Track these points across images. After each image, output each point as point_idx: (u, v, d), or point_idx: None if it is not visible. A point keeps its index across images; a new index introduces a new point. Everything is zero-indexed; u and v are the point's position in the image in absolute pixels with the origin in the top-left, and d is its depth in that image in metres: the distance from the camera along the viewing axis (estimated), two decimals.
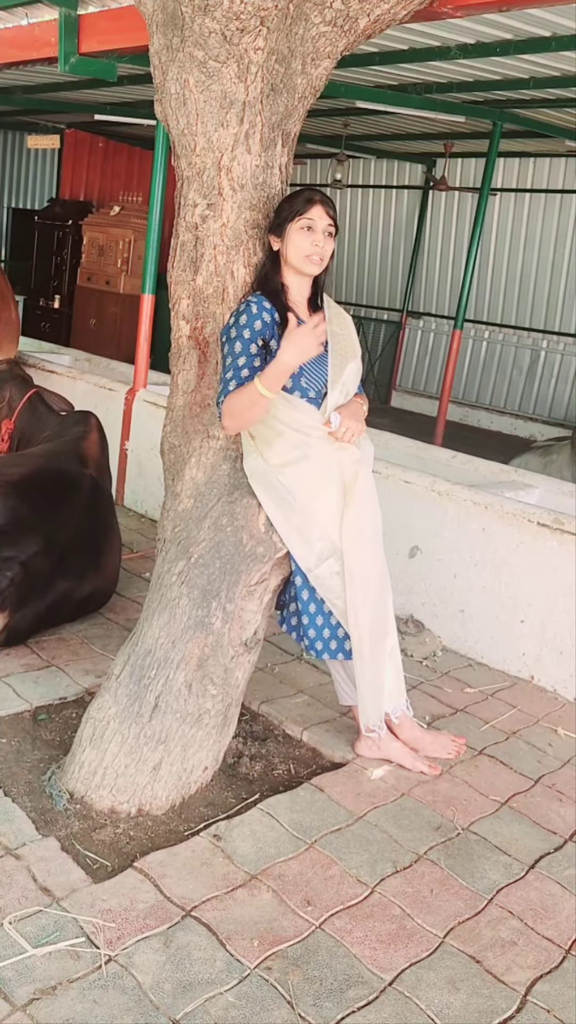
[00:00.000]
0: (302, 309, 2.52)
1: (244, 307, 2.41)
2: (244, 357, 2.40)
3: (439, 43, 4.77)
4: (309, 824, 2.48)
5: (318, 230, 2.41)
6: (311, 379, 2.47)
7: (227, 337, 2.43)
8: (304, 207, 2.40)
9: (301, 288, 2.51)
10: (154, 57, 2.41)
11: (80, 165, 10.93)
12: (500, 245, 9.57)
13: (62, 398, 4.55)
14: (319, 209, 2.40)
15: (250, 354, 2.39)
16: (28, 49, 4.77)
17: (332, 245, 2.47)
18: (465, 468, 4.59)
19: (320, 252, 2.42)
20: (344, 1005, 1.91)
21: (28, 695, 3.00)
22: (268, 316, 2.40)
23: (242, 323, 2.39)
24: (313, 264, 2.44)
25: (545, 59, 4.84)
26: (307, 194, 2.42)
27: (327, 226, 2.42)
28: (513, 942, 2.17)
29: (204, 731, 2.52)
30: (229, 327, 2.43)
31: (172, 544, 2.58)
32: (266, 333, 2.40)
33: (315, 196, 2.41)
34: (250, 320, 2.38)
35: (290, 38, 2.33)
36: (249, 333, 2.38)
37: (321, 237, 2.41)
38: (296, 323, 2.32)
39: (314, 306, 2.55)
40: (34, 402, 4.34)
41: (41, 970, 1.89)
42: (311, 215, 2.39)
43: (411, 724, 2.89)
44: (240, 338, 2.39)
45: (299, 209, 2.40)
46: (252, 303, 2.40)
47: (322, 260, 2.45)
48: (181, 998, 1.86)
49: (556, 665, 3.54)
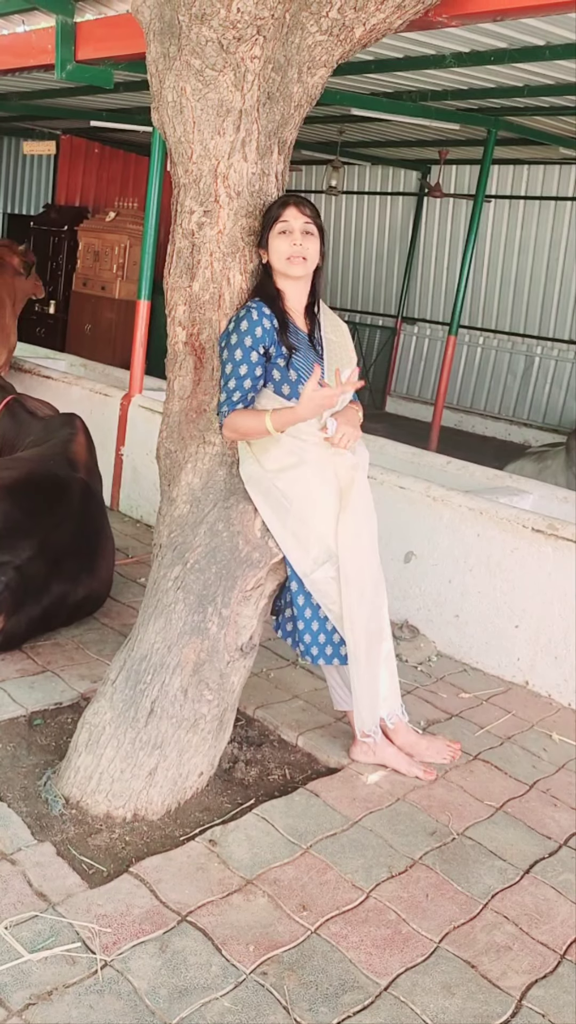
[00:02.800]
0: (299, 317, 2.53)
1: (244, 313, 2.41)
2: (246, 366, 2.40)
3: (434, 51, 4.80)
4: (304, 829, 2.49)
5: (295, 231, 2.41)
6: None
7: (227, 343, 2.43)
8: (278, 211, 2.42)
9: (298, 295, 2.52)
10: (151, 65, 2.42)
11: (76, 171, 10.95)
12: (495, 251, 9.60)
13: (45, 403, 4.54)
14: (292, 210, 2.41)
15: (251, 363, 2.40)
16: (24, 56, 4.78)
17: (314, 244, 2.45)
18: (460, 474, 4.60)
19: (300, 252, 2.42)
20: (340, 1010, 1.91)
21: (24, 700, 3.00)
22: (268, 323, 2.41)
23: (243, 329, 2.40)
24: (295, 265, 2.44)
25: (539, 67, 4.87)
26: (280, 199, 2.45)
27: (304, 224, 2.42)
28: (508, 947, 2.17)
29: (200, 736, 2.52)
30: (229, 333, 2.43)
31: (168, 549, 2.58)
32: (266, 340, 2.41)
33: (288, 199, 2.43)
34: (251, 327, 2.39)
35: (286, 47, 2.35)
36: (250, 340, 2.39)
37: (299, 236, 2.42)
38: (316, 383, 2.29)
39: (311, 314, 2.56)
40: (13, 408, 4.33)
41: (37, 975, 1.89)
42: (285, 217, 2.41)
43: (406, 729, 2.90)
44: (241, 345, 2.40)
45: (273, 215, 2.42)
46: (252, 309, 2.41)
47: (305, 260, 2.44)
48: (177, 1003, 1.86)
49: (551, 670, 3.55)
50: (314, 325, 2.56)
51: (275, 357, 2.44)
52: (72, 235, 10.34)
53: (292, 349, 2.45)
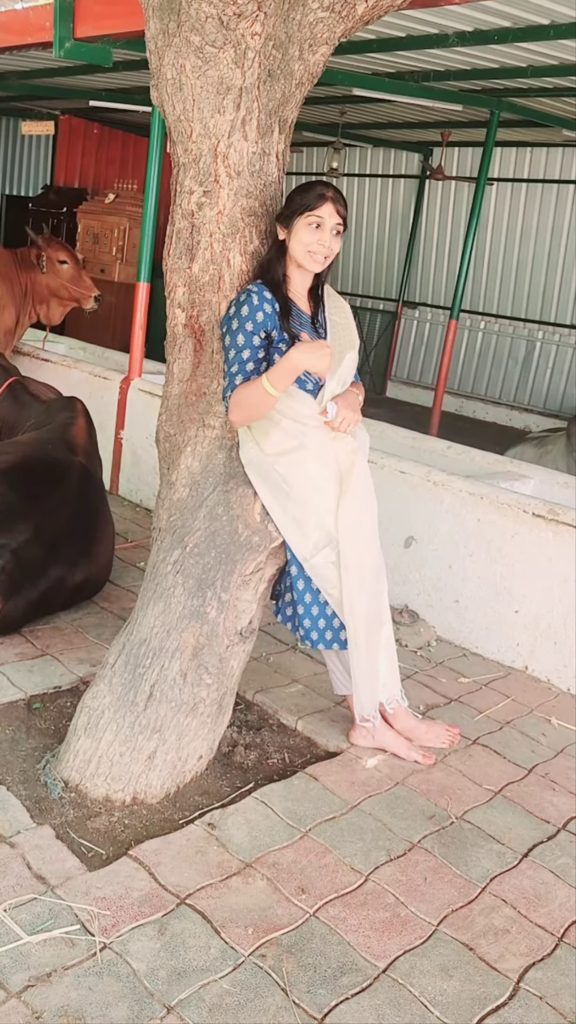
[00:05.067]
0: (302, 301, 2.51)
1: (245, 297, 2.39)
2: (248, 350, 2.38)
3: (437, 30, 4.74)
4: (303, 813, 2.49)
5: (326, 228, 2.38)
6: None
7: (228, 328, 2.41)
8: (315, 203, 2.36)
9: (303, 280, 2.49)
10: (150, 42, 2.38)
11: (75, 152, 10.85)
12: (496, 235, 9.54)
13: (49, 386, 4.51)
14: (330, 207, 2.36)
15: (253, 346, 2.38)
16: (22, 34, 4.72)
17: (338, 244, 2.43)
18: (460, 459, 4.59)
19: (325, 251, 2.40)
20: (338, 992, 1.92)
21: (22, 684, 3.00)
22: (269, 307, 2.38)
23: (243, 314, 2.37)
24: (315, 262, 2.41)
25: (543, 47, 4.81)
26: (319, 189, 2.38)
27: (336, 224, 2.39)
28: (506, 930, 2.18)
29: (199, 720, 2.52)
30: (230, 317, 2.41)
31: (167, 533, 2.57)
32: (267, 325, 2.39)
33: (327, 192, 2.37)
34: (251, 312, 2.37)
35: (287, 24, 2.31)
36: (252, 325, 2.37)
37: (328, 236, 2.38)
38: (308, 338, 2.30)
39: (315, 297, 2.53)
40: (15, 390, 4.31)
41: (36, 957, 1.89)
42: (321, 212, 2.36)
43: (405, 714, 2.90)
44: (242, 330, 2.37)
45: (310, 204, 2.36)
46: (253, 293, 2.38)
47: (326, 259, 2.42)
48: (176, 985, 1.87)
49: (550, 655, 3.55)
50: (318, 307, 2.54)
51: (277, 341, 2.41)
52: (71, 217, 10.25)
53: (295, 337, 2.43)
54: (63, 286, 5.80)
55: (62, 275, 5.78)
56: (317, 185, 2.40)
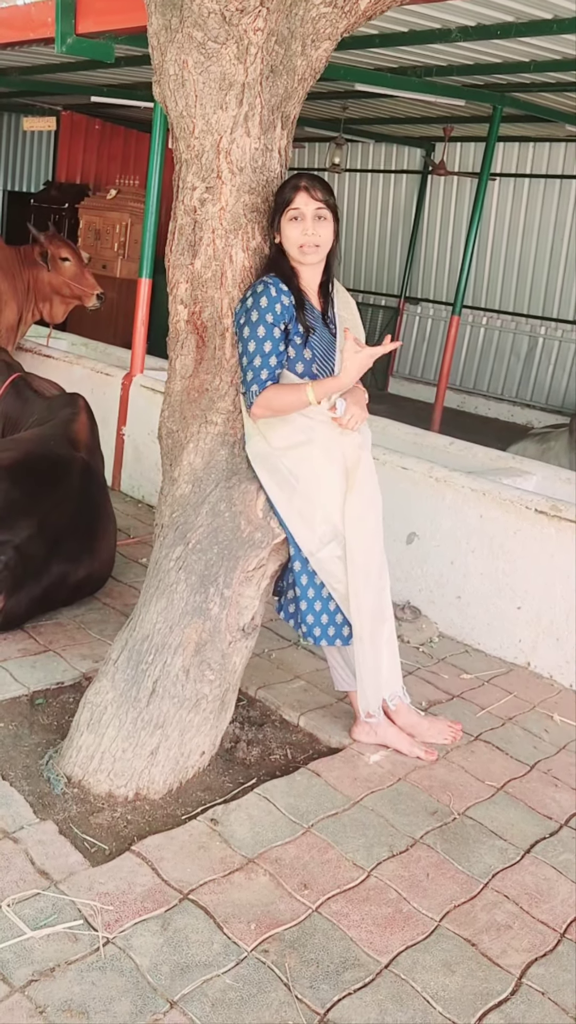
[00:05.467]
0: (313, 296, 2.51)
1: (262, 288, 2.37)
2: (270, 343, 2.38)
3: (440, 25, 4.73)
4: (306, 809, 2.49)
5: (306, 217, 2.37)
6: (322, 365, 2.46)
7: (247, 319, 2.39)
8: (291, 195, 2.37)
9: (312, 275, 2.49)
10: (152, 38, 2.38)
11: (76, 148, 10.84)
12: (499, 230, 9.52)
13: (52, 383, 4.51)
14: (304, 196, 2.36)
15: (275, 339, 2.38)
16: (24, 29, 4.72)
17: (327, 228, 2.41)
18: (463, 455, 4.58)
19: (312, 240, 2.39)
20: (340, 987, 1.92)
21: (25, 680, 3.00)
22: (287, 299, 2.38)
23: (263, 306, 2.36)
24: (308, 254, 2.40)
25: (546, 42, 4.80)
26: (292, 182, 2.39)
27: (316, 210, 2.37)
28: (508, 926, 2.18)
29: (201, 716, 2.53)
30: (248, 309, 2.39)
31: (170, 529, 2.57)
32: (286, 317, 2.39)
33: (300, 183, 2.37)
34: (270, 303, 2.36)
35: (290, 19, 2.31)
36: (272, 317, 2.37)
37: (310, 224, 2.37)
38: (352, 339, 2.35)
39: (324, 292, 2.53)
40: (19, 386, 4.30)
41: (39, 952, 1.90)
42: (297, 203, 2.36)
43: (408, 710, 2.90)
44: (263, 322, 2.37)
45: (286, 198, 2.37)
46: (270, 285, 2.37)
47: (317, 247, 2.41)
48: (179, 980, 1.88)
49: (552, 651, 3.55)
50: (327, 303, 2.53)
51: (292, 335, 2.41)
52: (73, 213, 10.24)
53: (310, 329, 2.43)
54: (65, 283, 5.76)
55: (64, 272, 5.74)
56: (292, 179, 2.41)
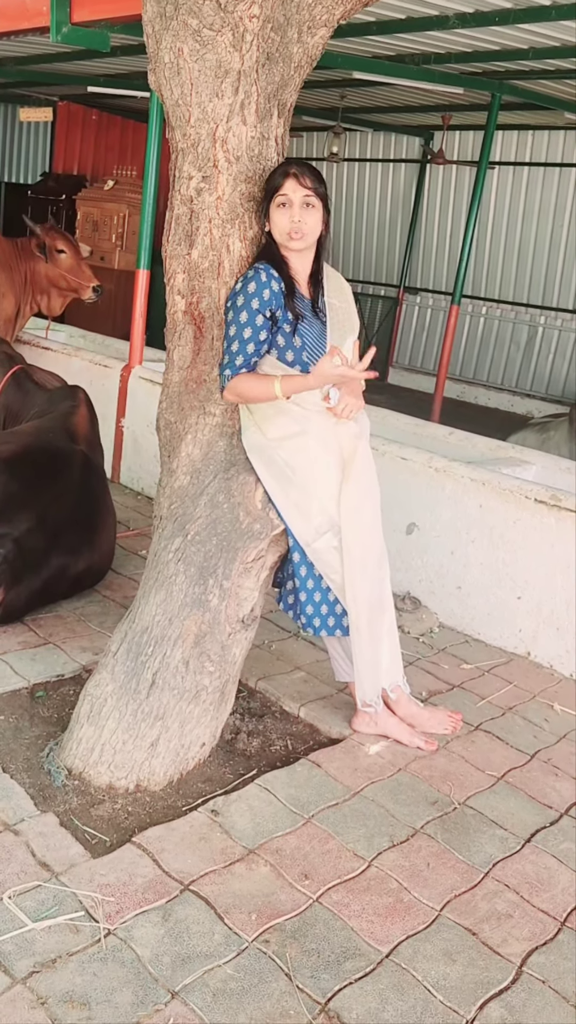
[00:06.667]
0: (303, 285, 2.49)
1: (253, 274, 2.38)
2: (250, 329, 2.37)
3: (437, 12, 4.70)
4: (306, 799, 2.50)
5: (294, 204, 2.36)
6: (312, 354, 2.45)
7: (233, 303, 2.40)
8: (279, 182, 2.36)
9: (302, 262, 2.48)
10: (147, 26, 2.36)
11: (73, 138, 10.79)
12: (498, 219, 9.48)
13: (53, 375, 4.50)
14: (292, 183, 2.35)
15: (256, 326, 2.37)
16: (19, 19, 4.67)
17: (315, 216, 2.40)
18: (462, 445, 4.57)
19: (299, 227, 2.37)
20: (341, 977, 1.93)
21: (26, 672, 3.00)
22: (276, 285, 2.37)
23: (251, 291, 2.36)
24: (294, 240, 2.39)
25: (545, 29, 4.77)
26: (281, 168, 2.38)
27: (304, 197, 2.36)
28: (509, 914, 2.19)
29: (201, 707, 2.53)
30: (236, 293, 2.39)
31: (168, 521, 2.57)
32: (273, 304, 2.38)
33: (289, 169, 2.36)
34: (259, 288, 2.36)
35: (286, 6, 2.29)
36: (258, 303, 2.36)
37: (298, 211, 2.36)
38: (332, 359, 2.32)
39: (315, 281, 2.52)
40: (20, 378, 4.29)
41: (41, 944, 1.90)
42: (285, 190, 2.35)
43: (408, 700, 2.90)
44: (247, 307, 2.36)
45: (274, 186, 2.37)
46: (261, 270, 2.37)
47: (304, 235, 2.39)
48: (180, 971, 1.88)
49: (553, 641, 3.55)
50: (318, 292, 2.52)
51: (281, 322, 2.41)
52: (70, 204, 10.20)
53: (299, 316, 2.42)
54: (62, 276, 5.72)
55: (61, 264, 5.70)
56: (281, 165, 2.40)
